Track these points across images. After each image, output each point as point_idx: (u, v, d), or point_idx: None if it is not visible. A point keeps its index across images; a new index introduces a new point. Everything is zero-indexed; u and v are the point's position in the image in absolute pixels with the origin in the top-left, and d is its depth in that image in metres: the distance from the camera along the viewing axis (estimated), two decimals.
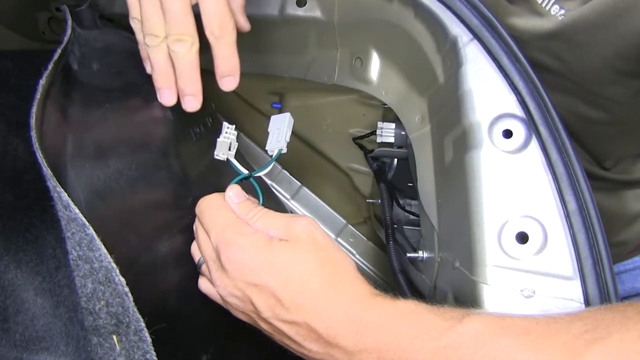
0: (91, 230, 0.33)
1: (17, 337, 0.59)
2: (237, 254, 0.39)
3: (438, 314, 0.33)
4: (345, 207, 0.85)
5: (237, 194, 0.45)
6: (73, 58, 0.46)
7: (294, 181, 0.85)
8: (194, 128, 0.55)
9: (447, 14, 0.43)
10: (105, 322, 0.33)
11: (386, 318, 0.34)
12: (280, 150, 0.48)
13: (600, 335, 0.28)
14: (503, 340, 0.30)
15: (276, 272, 0.38)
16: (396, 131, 0.60)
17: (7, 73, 0.66)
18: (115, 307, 0.32)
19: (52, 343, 0.60)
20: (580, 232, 0.36)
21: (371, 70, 0.56)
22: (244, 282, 0.39)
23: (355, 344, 0.34)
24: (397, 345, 0.33)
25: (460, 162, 0.40)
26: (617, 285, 0.36)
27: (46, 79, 0.39)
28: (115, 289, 0.32)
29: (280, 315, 0.38)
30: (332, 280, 0.37)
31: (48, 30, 0.70)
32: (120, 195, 0.42)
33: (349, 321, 0.35)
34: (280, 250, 0.39)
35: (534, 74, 0.39)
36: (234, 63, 0.45)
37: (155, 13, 0.42)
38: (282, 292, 0.37)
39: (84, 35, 0.50)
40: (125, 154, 0.45)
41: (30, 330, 0.60)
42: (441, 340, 0.31)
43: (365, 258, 0.85)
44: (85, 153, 0.41)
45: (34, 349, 0.60)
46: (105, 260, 0.32)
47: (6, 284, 0.61)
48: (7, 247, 0.63)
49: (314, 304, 0.36)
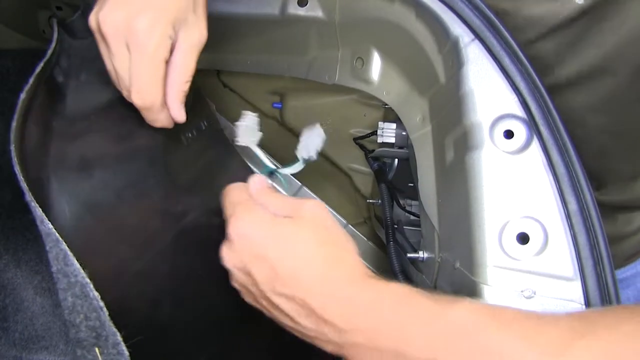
0: (64, 245, 0.34)
1: (16, 335, 0.59)
2: (242, 227, 0.41)
3: (430, 298, 0.34)
4: (346, 207, 0.85)
5: (262, 181, 0.46)
6: (58, 70, 0.47)
7: (294, 181, 0.85)
8: (185, 133, 0.55)
9: (448, 14, 0.43)
10: (86, 335, 0.33)
11: (378, 300, 0.35)
12: (311, 157, 0.48)
13: (588, 331, 0.28)
14: (491, 328, 0.30)
15: (276, 246, 0.39)
16: (397, 131, 0.60)
17: (7, 72, 0.66)
18: (93, 320, 0.33)
19: (51, 342, 0.60)
20: (581, 232, 0.36)
21: (372, 70, 0.56)
22: (246, 254, 0.40)
23: (346, 323, 0.35)
24: (387, 326, 0.33)
25: (461, 162, 0.40)
26: (617, 286, 0.36)
27: (26, 93, 0.40)
28: (91, 304, 0.33)
29: (276, 288, 0.38)
30: (330, 260, 0.38)
31: (48, 29, 0.70)
32: (106, 205, 0.43)
33: (342, 300, 0.36)
34: (282, 226, 0.40)
35: (536, 75, 0.39)
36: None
37: (126, 76, 0.43)
38: (280, 265, 0.38)
39: (75, 45, 0.50)
40: (110, 164, 0.45)
41: (30, 329, 0.60)
42: (431, 326, 0.32)
43: (366, 258, 0.85)
44: (69, 164, 0.41)
45: (34, 348, 0.60)
46: (79, 275, 0.33)
47: (6, 282, 0.61)
48: (6, 246, 0.63)
49: (309, 281, 0.37)
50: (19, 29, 0.69)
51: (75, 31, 0.51)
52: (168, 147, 0.51)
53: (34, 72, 0.42)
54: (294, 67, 0.66)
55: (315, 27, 0.59)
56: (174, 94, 0.45)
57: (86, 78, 0.48)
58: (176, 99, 0.45)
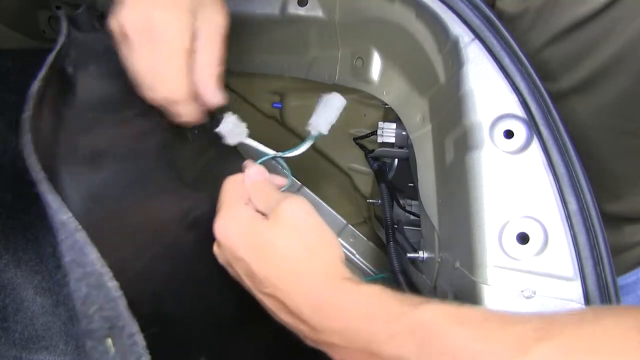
0: (83, 234, 0.33)
1: (16, 336, 0.59)
2: (223, 227, 0.43)
3: (399, 299, 0.34)
4: (346, 207, 0.85)
5: (259, 172, 0.47)
6: (68, 61, 0.47)
7: (295, 181, 0.85)
8: (191, 129, 0.55)
9: (448, 14, 0.43)
10: (99, 326, 0.33)
11: (350, 302, 0.36)
12: (320, 133, 0.47)
13: (553, 332, 0.28)
14: (455, 329, 0.30)
15: (252, 248, 0.40)
16: (397, 131, 0.60)
17: (7, 72, 0.66)
18: (109, 310, 0.33)
19: (51, 342, 0.60)
20: (581, 232, 0.36)
21: (372, 70, 0.56)
22: (229, 253, 0.42)
23: (320, 323, 0.36)
24: (357, 326, 0.34)
25: (461, 162, 0.40)
26: (617, 286, 0.36)
27: (40, 81, 0.39)
28: (108, 294, 0.32)
29: (257, 286, 0.40)
30: (304, 262, 0.39)
31: (48, 28, 0.70)
32: (115, 199, 0.43)
33: (315, 302, 0.37)
34: (259, 228, 0.41)
35: (536, 75, 0.39)
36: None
37: (149, 72, 0.43)
38: (256, 266, 0.40)
39: (81, 38, 0.50)
40: (120, 158, 0.45)
41: (30, 329, 0.60)
42: (398, 324, 0.32)
43: (366, 258, 0.85)
44: (79, 157, 0.41)
45: (34, 348, 0.60)
46: (98, 264, 0.33)
47: (6, 282, 0.61)
48: (6, 246, 0.63)
49: (284, 283, 0.38)
50: (19, 29, 0.69)
51: (81, 24, 0.51)
52: (175, 143, 0.51)
53: (47, 62, 0.42)
54: (294, 67, 0.66)
55: (316, 27, 0.59)
56: (205, 79, 0.45)
57: (94, 70, 0.48)
58: (209, 84, 0.45)
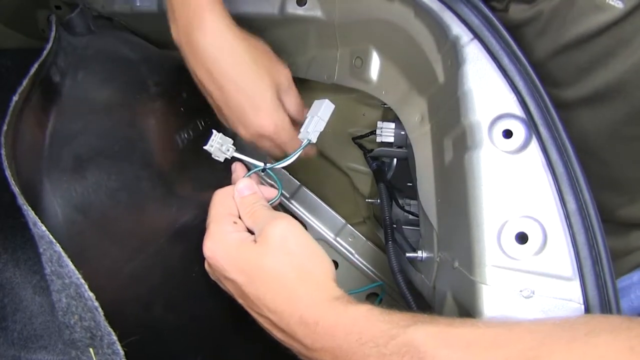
0: (58, 247, 0.34)
1: (15, 335, 0.59)
2: (211, 248, 0.43)
3: (387, 321, 0.34)
4: (345, 206, 0.85)
5: (248, 187, 0.47)
6: (55, 70, 0.47)
7: (294, 180, 0.85)
8: (180, 134, 0.55)
9: (447, 14, 0.43)
10: (80, 336, 0.33)
11: (338, 323, 0.36)
12: (309, 141, 0.47)
13: (541, 355, 0.28)
14: (443, 352, 0.31)
15: (242, 271, 0.41)
16: (396, 131, 0.60)
17: (7, 71, 0.66)
18: (88, 321, 0.33)
19: (50, 341, 0.60)
20: (580, 232, 0.36)
21: (371, 70, 0.56)
22: (219, 273, 0.43)
23: (312, 343, 0.37)
24: (348, 348, 0.34)
25: (460, 162, 0.40)
26: (616, 286, 0.36)
27: (19, 95, 0.40)
28: (86, 304, 0.33)
29: (249, 306, 0.42)
30: (294, 284, 0.40)
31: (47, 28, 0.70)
32: (99, 207, 0.43)
33: (305, 323, 0.37)
34: (248, 251, 0.42)
35: (535, 74, 0.39)
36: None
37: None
38: (247, 288, 0.41)
39: (74, 42, 0.50)
40: (104, 166, 0.45)
41: (29, 328, 0.60)
42: (386, 348, 0.33)
43: (365, 258, 0.85)
44: (62, 166, 0.42)
45: (32, 347, 0.60)
46: (74, 276, 0.33)
47: (4, 282, 0.61)
48: (5, 245, 0.63)
49: (274, 304, 0.39)
50: (18, 29, 0.69)
51: (75, 28, 0.51)
52: (163, 149, 0.51)
53: (28, 74, 0.42)
54: (292, 66, 0.66)
55: (314, 26, 0.59)
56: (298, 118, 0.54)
57: (83, 77, 0.48)
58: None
